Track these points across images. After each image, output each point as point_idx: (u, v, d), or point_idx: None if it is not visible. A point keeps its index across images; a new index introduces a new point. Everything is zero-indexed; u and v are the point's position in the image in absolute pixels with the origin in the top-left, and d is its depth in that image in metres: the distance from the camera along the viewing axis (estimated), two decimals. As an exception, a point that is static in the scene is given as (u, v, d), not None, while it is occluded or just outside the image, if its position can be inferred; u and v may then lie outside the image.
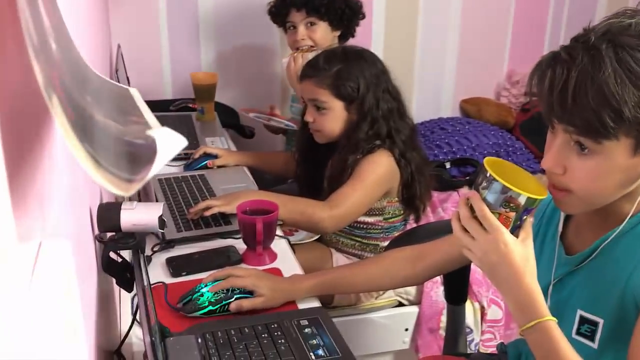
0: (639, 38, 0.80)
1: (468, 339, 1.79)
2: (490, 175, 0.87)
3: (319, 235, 1.77)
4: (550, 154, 0.88)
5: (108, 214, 0.80)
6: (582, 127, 0.82)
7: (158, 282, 1.23)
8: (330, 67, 1.61)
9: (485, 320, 1.81)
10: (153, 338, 0.64)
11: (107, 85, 0.56)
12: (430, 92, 2.84)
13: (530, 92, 0.89)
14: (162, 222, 0.83)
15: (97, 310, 0.77)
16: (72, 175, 0.72)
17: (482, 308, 1.81)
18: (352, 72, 1.60)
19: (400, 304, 1.79)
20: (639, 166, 0.84)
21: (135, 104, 0.51)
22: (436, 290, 1.76)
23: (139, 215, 0.80)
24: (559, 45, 0.87)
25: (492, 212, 0.88)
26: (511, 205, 0.87)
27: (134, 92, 0.55)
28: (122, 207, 0.80)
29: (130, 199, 0.91)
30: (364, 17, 2.17)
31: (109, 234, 0.82)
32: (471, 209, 0.90)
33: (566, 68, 0.82)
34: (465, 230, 0.91)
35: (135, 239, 0.80)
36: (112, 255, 0.87)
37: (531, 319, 0.87)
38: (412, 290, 1.78)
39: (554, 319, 0.88)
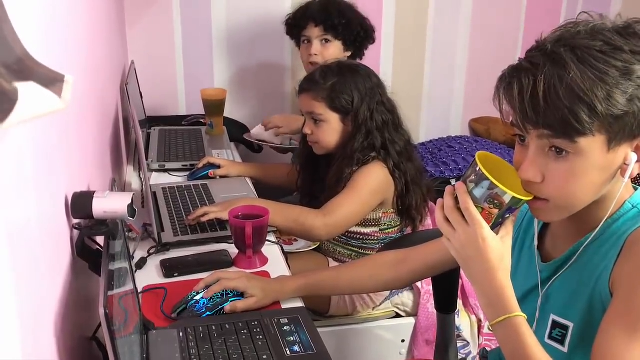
0: (592, 40, 0.83)
1: (465, 352, 1.79)
2: (479, 169, 0.87)
3: (317, 245, 1.80)
4: (527, 164, 0.89)
5: (81, 201, 0.85)
6: (558, 127, 0.84)
7: (152, 287, 1.27)
8: (326, 81, 1.66)
9: (482, 333, 1.80)
10: (112, 327, 0.68)
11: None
12: (439, 111, 2.88)
13: (499, 106, 0.90)
14: (132, 210, 0.88)
15: (67, 295, 0.82)
16: (47, 163, 0.77)
17: (479, 321, 1.81)
18: (347, 86, 1.66)
19: (398, 315, 1.80)
20: (613, 162, 0.86)
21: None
22: (432, 302, 1.77)
23: (110, 203, 0.86)
24: (517, 58, 0.90)
25: (476, 206, 0.89)
26: (495, 202, 0.88)
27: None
28: (95, 195, 0.86)
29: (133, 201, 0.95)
30: (374, 41, 2.26)
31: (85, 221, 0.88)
32: (456, 199, 0.90)
33: (531, 75, 0.84)
34: (448, 220, 0.92)
35: (108, 227, 0.85)
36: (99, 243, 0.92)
37: (501, 314, 0.88)
38: (408, 301, 1.79)
39: (524, 315, 0.89)
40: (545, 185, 0.89)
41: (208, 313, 1.17)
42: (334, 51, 2.14)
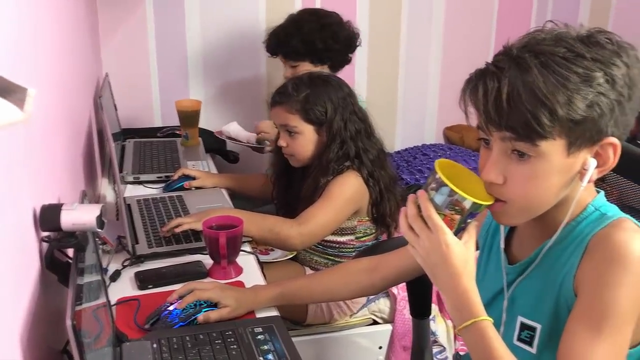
0: (555, 46, 0.86)
1: (441, 357, 1.80)
2: (438, 177, 0.89)
3: (293, 254, 1.81)
4: (489, 166, 0.91)
5: (49, 213, 0.85)
6: (520, 130, 0.86)
7: (128, 299, 1.27)
8: (298, 93, 1.68)
9: (458, 338, 1.82)
10: (80, 339, 0.68)
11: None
12: (414, 120, 2.92)
13: (464, 106, 0.92)
14: (100, 222, 0.88)
15: (35, 308, 0.81)
16: (12, 176, 0.77)
17: (455, 326, 1.83)
18: (320, 97, 1.67)
19: (374, 322, 1.81)
20: (573, 166, 0.89)
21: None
22: (408, 308, 1.78)
23: (78, 215, 0.86)
24: (485, 62, 0.92)
25: (438, 212, 0.90)
26: (456, 208, 0.89)
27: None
28: (63, 207, 0.86)
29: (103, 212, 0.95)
30: (352, 48, 2.24)
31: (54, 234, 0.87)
32: (419, 207, 0.92)
33: (496, 78, 0.87)
34: (412, 228, 0.93)
35: (76, 239, 0.85)
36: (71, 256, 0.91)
37: (467, 319, 0.90)
38: (385, 308, 1.81)
39: (490, 319, 0.90)
40: (506, 187, 0.91)
41: (181, 324, 1.17)
42: (305, 70, 2.11)
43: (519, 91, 0.84)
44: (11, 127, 0.51)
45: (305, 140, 1.70)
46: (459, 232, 0.93)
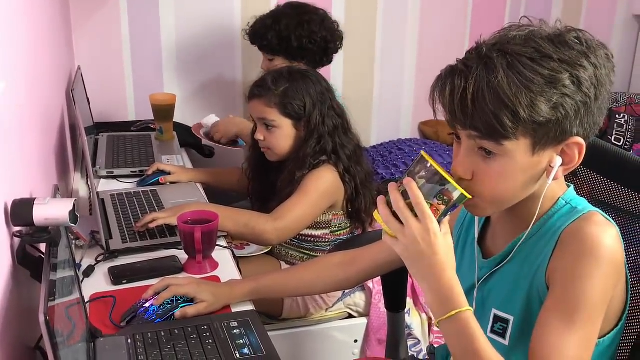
0: (524, 46, 0.87)
1: (416, 350, 1.82)
2: (431, 166, 0.89)
3: (268, 249, 1.81)
4: (457, 162, 0.93)
5: (21, 208, 0.84)
6: (484, 130, 0.87)
7: (109, 296, 1.25)
8: (277, 87, 1.67)
9: (433, 331, 1.84)
10: (53, 335, 0.68)
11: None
12: (390, 115, 2.93)
13: (433, 103, 0.93)
14: (73, 216, 0.87)
15: (7, 304, 0.80)
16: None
17: (430, 319, 1.85)
18: (299, 91, 1.67)
19: (350, 316, 1.83)
20: (538, 164, 0.90)
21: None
22: (384, 302, 1.80)
23: (51, 210, 0.84)
24: (456, 59, 0.93)
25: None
26: (444, 198, 0.89)
27: None
28: (35, 202, 0.85)
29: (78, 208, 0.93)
30: (330, 53, 2.21)
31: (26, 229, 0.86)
32: (404, 195, 0.90)
33: (464, 77, 0.87)
34: (394, 217, 0.91)
35: (49, 234, 0.84)
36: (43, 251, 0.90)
37: (451, 309, 0.89)
38: (360, 302, 1.82)
39: (471, 309, 0.91)
40: (474, 183, 0.92)
41: (159, 320, 1.16)
42: (280, 65, 2.08)
43: (484, 92, 0.85)
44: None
45: (282, 135, 1.70)
46: (439, 223, 0.93)
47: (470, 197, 0.92)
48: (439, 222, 0.92)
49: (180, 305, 1.19)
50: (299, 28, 2.11)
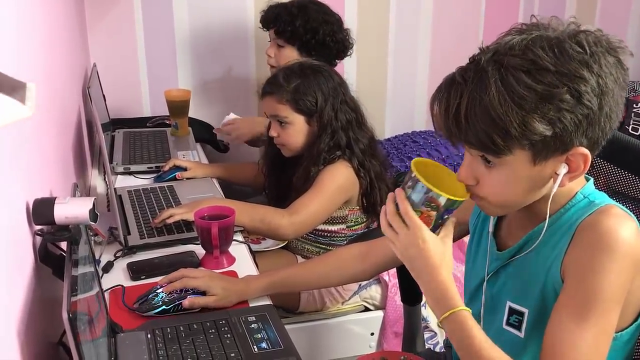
0: (522, 57, 0.84)
1: (432, 342, 1.83)
2: (414, 175, 0.92)
3: (285, 243, 1.82)
4: (462, 168, 0.95)
5: (42, 207, 0.85)
6: (477, 145, 0.88)
7: (117, 285, 1.28)
8: (289, 83, 1.67)
9: (449, 324, 1.84)
10: (76, 331, 0.69)
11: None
12: (404, 107, 2.92)
13: (432, 114, 0.93)
14: (93, 215, 0.89)
15: (30, 302, 0.82)
16: (3, 171, 0.77)
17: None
18: (310, 87, 1.67)
19: (366, 309, 1.83)
20: (542, 173, 0.90)
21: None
22: (400, 295, 1.80)
23: (71, 209, 0.86)
24: (456, 67, 0.92)
25: (415, 210, 0.94)
26: (432, 205, 0.92)
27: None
28: (56, 201, 0.86)
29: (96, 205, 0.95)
30: (341, 55, 2.20)
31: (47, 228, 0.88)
32: (397, 205, 0.96)
33: (459, 91, 0.87)
34: (391, 225, 0.97)
35: (70, 232, 0.86)
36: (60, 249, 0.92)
37: (446, 310, 0.92)
38: (377, 295, 1.82)
39: (468, 309, 0.93)
40: (479, 188, 0.94)
41: (163, 307, 1.18)
42: (288, 55, 2.10)
43: (475, 109, 0.85)
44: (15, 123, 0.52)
45: (295, 131, 1.70)
46: (437, 227, 0.96)
47: (463, 199, 0.93)
48: (438, 226, 0.95)
49: (188, 296, 1.21)
50: (325, 24, 2.11)
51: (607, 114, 0.86)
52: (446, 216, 0.95)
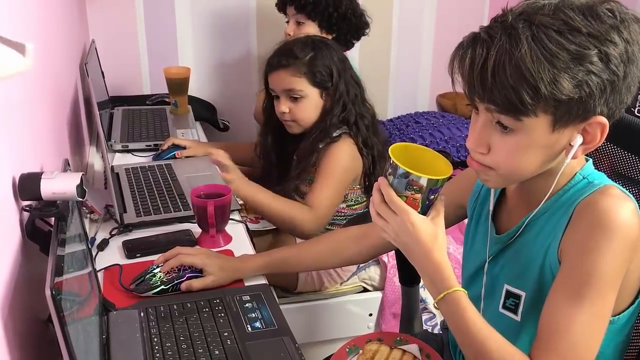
0: (552, 17, 0.82)
1: (431, 324, 1.82)
2: (392, 161, 0.91)
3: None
4: (473, 135, 0.92)
5: (28, 182, 0.84)
6: (502, 105, 0.84)
7: (114, 265, 1.27)
8: (304, 55, 1.62)
9: (448, 305, 1.83)
10: (60, 308, 0.68)
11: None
12: (407, 87, 2.89)
13: (451, 72, 0.90)
14: (81, 191, 0.87)
15: (17, 279, 0.81)
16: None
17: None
18: (325, 59, 1.63)
19: (365, 290, 1.82)
20: (557, 142, 0.87)
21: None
22: (399, 276, 1.79)
23: (58, 184, 0.84)
24: (479, 26, 0.90)
25: (399, 195, 0.92)
26: (415, 187, 0.91)
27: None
28: (42, 176, 0.84)
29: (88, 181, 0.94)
30: (362, 32, 2.18)
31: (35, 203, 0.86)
32: (382, 194, 0.94)
33: (485, 47, 0.84)
34: (379, 214, 0.95)
35: (57, 208, 0.84)
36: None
37: (441, 291, 0.92)
38: (375, 276, 1.81)
39: (463, 290, 0.92)
40: (490, 157, 0.91)
41: (162, 287, 1.17)
42: (309, 32, 2.02)
43: (505, 65, 0.82)
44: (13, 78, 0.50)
45: (309, 105, 1.65)
46: (427, 209, 0.94)
47: (445, 177, 0.92)
48: (427, 207, 0.94)
49: (186, 275, 1.19)
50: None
51: (628, 84, 0.85)
52: (432, 196, 0.93)
